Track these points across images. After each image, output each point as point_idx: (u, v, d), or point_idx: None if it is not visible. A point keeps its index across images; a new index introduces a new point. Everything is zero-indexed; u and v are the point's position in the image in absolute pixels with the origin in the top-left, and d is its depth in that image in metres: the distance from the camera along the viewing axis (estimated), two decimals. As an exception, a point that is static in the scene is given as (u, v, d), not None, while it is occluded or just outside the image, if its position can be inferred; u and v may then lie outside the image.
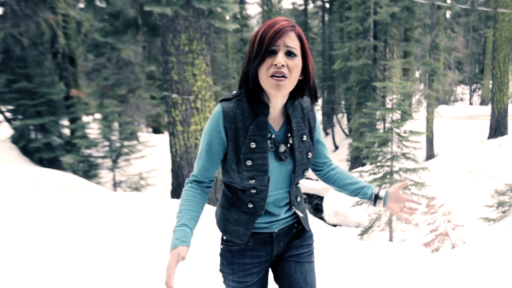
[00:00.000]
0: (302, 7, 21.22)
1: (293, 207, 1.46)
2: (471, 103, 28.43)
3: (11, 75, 14.02)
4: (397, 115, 9.38)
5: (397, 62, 11.49)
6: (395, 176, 9.16)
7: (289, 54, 1.23)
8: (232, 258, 1.47)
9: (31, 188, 8.17)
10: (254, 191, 1.36)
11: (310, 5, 22.13)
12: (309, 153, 1.41)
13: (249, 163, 1.30)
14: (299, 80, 1.31)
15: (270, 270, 1.59)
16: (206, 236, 3.52)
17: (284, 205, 1.45)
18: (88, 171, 13.50)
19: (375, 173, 9.57)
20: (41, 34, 13.95)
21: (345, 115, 19.33)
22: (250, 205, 1.38)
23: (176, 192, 8.80)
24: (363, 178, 10.13)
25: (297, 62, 1.25)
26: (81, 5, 11.44)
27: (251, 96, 1.29)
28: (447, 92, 20.35)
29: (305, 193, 16.83)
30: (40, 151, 14.36)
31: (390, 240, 9.83)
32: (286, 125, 1.38)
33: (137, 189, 12.57)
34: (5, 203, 5.29)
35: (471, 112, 21.41)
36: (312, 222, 13.18)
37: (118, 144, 13.30)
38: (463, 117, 19.89)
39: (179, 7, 6.81)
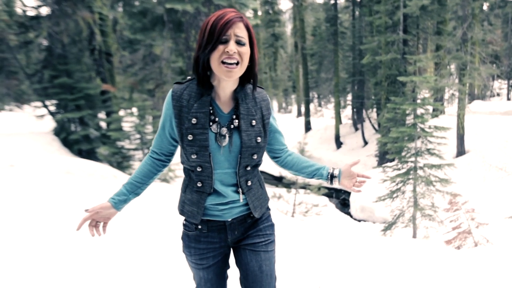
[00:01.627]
0: (332, 1, 20.81)
1: (240, 189, 1.48)
2: (508, 98, 26.93)
3: (53, 71, 14.67)
4: (423, 110, 9.04)
5: (423, 56, 11.02)
6: (419, 172, 8.86)
7: (239, 42, 1.31)
8: (189, 242, 1.55)
9: (65, 177, 8.56)
10: (200, 169, 1.42)
11: (341, -1, 21.78)
12: (258, 138, 1.46)
13: (190, 137, 1.38)
14: (247, 67, 1.39)
15: (232, 253, 1.65)
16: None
17: (232, 185, 1.48)
18: (121, 162, 13.97)
19: (398, 169, 9.30)
20: (79, 32, 14.50)
21: (374, 110, 18.81)
22: (199, 184, 1.45)
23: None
24: (386, 173, 9.87)
25: (246, 50, 1.33)
26: (119, 8, 11.74)
27: (200, 79, 1.38)
28: (482, 87, 19.32)
29: (332, 188, 16.58)
30: (79, 142, 14.96)
31: (414, 236, 9.54)
32: (235, 109, 1.44)
33: (166, 180, 12.86)
34: (40, 190, 5.60)
35: (508, 108, 20.27)
36: (337, 217, 13.03)
37: (149, 137, 13.64)
38: (499, 112, 18.87)
39: (200, 4, 6.86)
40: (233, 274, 1.69)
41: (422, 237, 9.44)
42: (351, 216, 14.08)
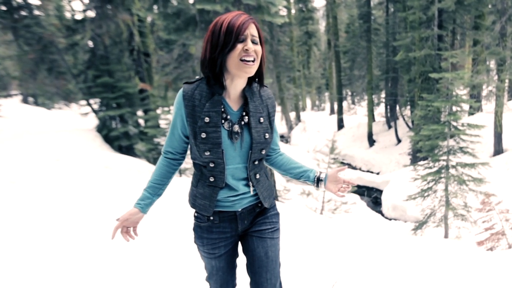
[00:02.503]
0: (366, -2, 20.33)
1: (250, 182, 1.55)
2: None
3: (96, 71, 15.25)
4: (459, 108, 8.65)
5: (458, 51, 10.51)
6: (452, 171, 8.50)
7: (253, 41, 1.38)
8: (201, 233, 1.61)
9: (104, 171, 8.93)
10: (213, 165, 1.47)
11: (374, -5, 21.14)
12: (266, 134, 1.53)
13: (203, 135, 1.42)
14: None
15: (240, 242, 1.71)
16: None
17: (242, 179, 1.55)
18: (157, 158, 14.35)
19: (430, 167, 8.98)
20: (120, 33, 15.01)
21: (408, 107, 18.20)
22: (212, 179, 1.50)
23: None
24: (417, 172, 9.54)
25: (260, 48, 1.41)
26: (155, 10, 12.01)
27: (214, 79, 1.42)
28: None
29: (364, 186, 16.26)
30: (119, 139, 15.47)
31: (446, 237, 9.18)
32: (244, 106, 1.49)
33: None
34: (80, 183, 5.91)
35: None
36: (368, 215, 12.76)
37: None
38: (543, 110, 17.69)
39: (229, 4, 6.92)
40: (240, 263, 1.75)
41: (454, 238, 9.07)
42: (383, 215, 13.72)
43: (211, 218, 1.56)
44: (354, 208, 12.23)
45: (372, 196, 16.22)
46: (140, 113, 17.01)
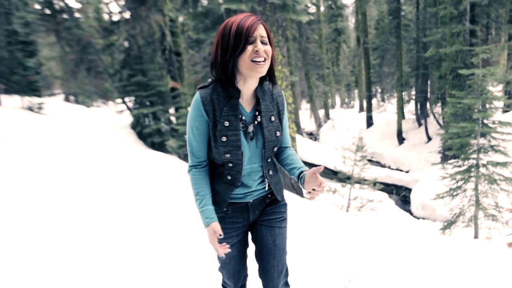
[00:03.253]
0: (395, -7, 19.71)
1: (266, 180, 1.62)
2: None
3: (131, 70, 15.68)
4: (492, 104, 8.26)
5: (490, 46, 10.01)
6: (482, 169, 8.15)
7: (262, 42, 1.39)
8: None
9: (136, 166, 9.20)
10: (231, 165, 1.51)
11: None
12: (277, 132, 1.55)
13: (224, 139, 1.45)
14: None
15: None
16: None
17: (258, 178, 1.60)
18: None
19: (459, 166, 8.64)
20: (152, 34, 15.38)
21: (439, 104, 17.56)
22: (229, 177, 1.54)
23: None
24: (446, 170, 9.20)
25: (269, 48, 1.42)
26: (185, 10, 12.21)
27: (227, 82, 1.43)
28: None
29: (393, 185, 15.87)
30: (152, 135, 15.87)
31: (475, 237, 8.82)
32: (256, 106, 1.52)
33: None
34: (114, 178, 6.14)
35: None
36: (395, 213, 12.46)
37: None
38: None
39: (255, 3, 6.94)
40: (249, 253, 1.79)
41: (484, 238, 8.70)
42: (411, 214, 13.34)
43: (224, 209, 1.61)
44: (381, 206, 11.97)
45: (400, 195, 15.79)
46: (171, 110, 17.37)
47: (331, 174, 16.90)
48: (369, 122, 24.82)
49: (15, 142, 10.00)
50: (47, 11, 18.06)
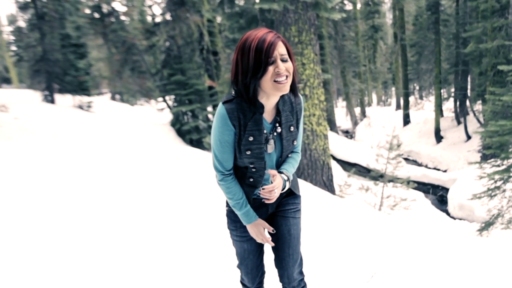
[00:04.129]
0: (434, -12, 18.82)
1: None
2: None
3: (170, 70, 16.08)
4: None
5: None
6: (523, 169, 7.66)
7: (283, 60, 1.37)
8: (234, 218, 1.71)
9: (173, 162, 9.49)
10: (254, 169, 1.57)
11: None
12: (294, 141, 1.61)
13: (248, 152, 1.50)
14: None
15: None
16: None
17: None
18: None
19: (498, 165, 8.18)
20: (191, 34, 15.71)
21: (479, 102, 16.63)
22: (251, 180, 1.60)
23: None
24: (484, 170, 8.73)
25: (290, 64, 1.40)
26: (220, 10, 12.40)
27: (249, 102, 1.44)
28: None
29: (429, 184, 15.27)
30: (190, 133, 16.21)
31: (515, 239, 8.31)
32: (276, 117, 1.54)
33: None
34: (152, 172, 6.38)
35: None
36: (430, 213, 12.00)
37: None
38: None
39: (287, 2, 6.92)
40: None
41: (524, 241, 8.18)
42: (448, 214, 12.78)
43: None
44: (416, 206, 11.56)
45: (437, 194, 15.18)
46: (209, 108, 17.68)
47: (364, 172, 16.56)
48: (406, 120, 23.98)
49: (67, 138, 10.62)
50: (96, 15, 18.96)
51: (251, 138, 1.47)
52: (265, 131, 1.51)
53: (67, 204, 3.94)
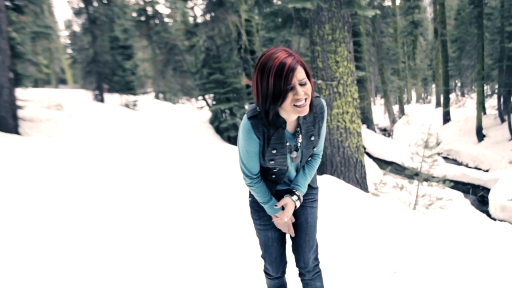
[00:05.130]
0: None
1: None
2: None
3: (210, 69, 16.38)
4: None
5: None
6: None
7: (301, 84, 1.38)
8: (258, 207, 1.80)
9: (209, 158, 9.73)
10: (276, 170, 1.67)
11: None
12: (314, 148, 1.67)
13: (272, 162, 1.59)
14: None
15: None
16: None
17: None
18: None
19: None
20: (229, 34, 15.91)
21: (525, 99, 15.54)
22: (273, 176, 1.69)
23: (319, 170, 8.99)
24: (526, 169, 8.20)
25: (309, 86, 1.41)
26: (256, 10, 12.44)
27: (273, 125, 1.49)
28: None
29: (469, 184, 14.51)
30: (228, 130, 16.42)
31: (561, 242, 7.74)
32: (297, 128, 1.59)
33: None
34: (189, 168, 6.62)
35: None
36: (468, 214, 11.45)
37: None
38: None
39: (321, 0, 6.87)
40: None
41: None
42: (489, 215, 12.10)
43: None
44: (455, 206, 11.05)
45: (478, 195, 14.41)
46: (246, 106, 17.82)
47: (400, 170, 16.06)
48: (446, 118, 22.87)
49: (115, 135, 11.19)
50: (142, 18, 19.70)
51: (274, 151, 1.54)
52: (288, 144, 1.58)
53: (116, 193, 4.24)
